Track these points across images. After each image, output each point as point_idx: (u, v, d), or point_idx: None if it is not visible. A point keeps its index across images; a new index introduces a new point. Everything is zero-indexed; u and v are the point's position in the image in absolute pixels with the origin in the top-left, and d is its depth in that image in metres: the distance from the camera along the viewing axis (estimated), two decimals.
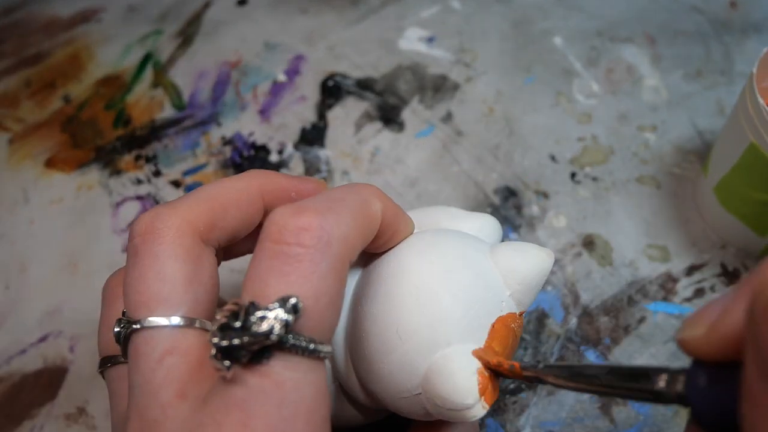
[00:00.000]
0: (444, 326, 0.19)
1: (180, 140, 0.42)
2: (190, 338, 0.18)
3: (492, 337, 0.20)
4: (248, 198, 0.21)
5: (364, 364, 0.20)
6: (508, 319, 0.21)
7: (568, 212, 0.36)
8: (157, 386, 0.17)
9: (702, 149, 0.38)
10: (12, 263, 0.37)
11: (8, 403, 0.32)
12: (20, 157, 0.42)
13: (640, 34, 0.44)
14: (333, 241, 0.17)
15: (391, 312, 0.19)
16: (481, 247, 0.22)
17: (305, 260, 0.17)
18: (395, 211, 0.21)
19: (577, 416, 0.30)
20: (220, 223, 0.20)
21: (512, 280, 0.21)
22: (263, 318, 0.16)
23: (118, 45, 0.48)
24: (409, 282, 0.20)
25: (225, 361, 0.16)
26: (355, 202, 0.19)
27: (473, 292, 0.20)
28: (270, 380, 0.16)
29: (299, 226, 0.17)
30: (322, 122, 0.42)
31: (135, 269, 0.18)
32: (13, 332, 0.35)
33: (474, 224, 0.24)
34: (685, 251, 0.34)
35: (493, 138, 0.40)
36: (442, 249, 0.21)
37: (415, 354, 0.19)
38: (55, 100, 0.45)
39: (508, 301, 0.21)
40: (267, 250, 0.17)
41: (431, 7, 0.47)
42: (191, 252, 0.19)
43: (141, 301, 0.18)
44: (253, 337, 0.16)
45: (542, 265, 0.21)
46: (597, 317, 0.33)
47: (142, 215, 0.19)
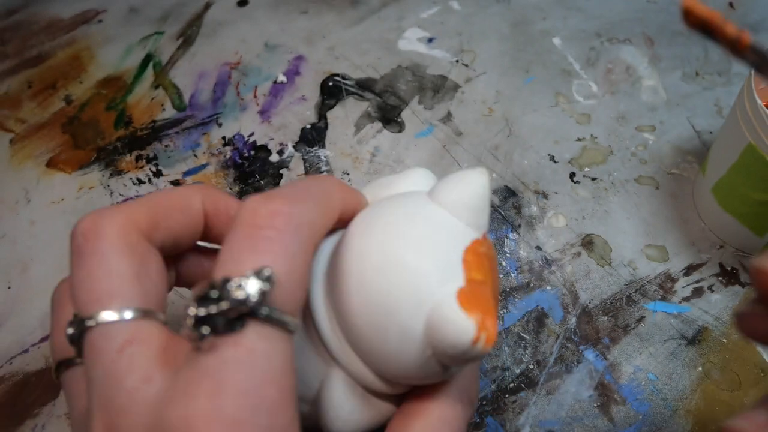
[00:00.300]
0: (421, 283, 0.19)
1: (180, 141, 0.42)
2: (148, 327, 0.18)
3: (469, 269, 0.20)
4: (191, 205, 0.21)
5: (371, 354, 0.21)
6: (475, 246, 0.21)
7: (567, 212, 0.36)
8: (121, 375, 0.17)
9: (700, 149, 0.39)
10: (13, 263, 0.37)
11: (10, 403, 0.32)
12: (22, 157, 0.43)
13: (638, 35, 0.44)
14: (302, 226, 0.18)
15: (368, 297, 0.20)
16: (419, 197, 0.22)
17: (277, 241, 0.18)
18: (353, 194, 0.23)
19: (576, 415, 0.30)
20: (163, 224, 0.20)
21: (460, 211, 0.21)
22: (240, 286, 0.16)
23: (118, 46, 0.48)
24: (370, 261, 0.20)
25: (202, 329, 0.16)
26: (319, 191, 0.21)
27: (431, 239, 0.20)
28: (243, 348, 0.16)
29: (272, 210, 0.18)
30: (322, 122, 0.42)
31: (81, 269, 0.18)
32: (15, 332, 0.35)
33: (407, 182, 0.24)
34: (684, 251, 0.35)
35: (493, 138, 0.40)
36: (384, 218, 0.21)
37: (408, 321, 0.19)
38: (56, 100, 0.45)
39: (466, 230, 0.21)
40: (241, 232, 0.18)
41: (431, 8, 0.48)
42: (136, 249, 0.19)
43: (92, 299, 0.18)
44: (232, 303, 0.16)
45: (478, 183, 0.21)
46: (596, 317, 0.33)
47: (83, 217, 0.19)
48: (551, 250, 0.35)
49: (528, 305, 0.33)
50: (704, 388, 0.30)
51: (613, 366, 0.31)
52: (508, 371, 0.31)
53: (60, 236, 0.38)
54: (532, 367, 0.31)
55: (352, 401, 0.22)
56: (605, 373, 0.31)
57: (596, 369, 0.31)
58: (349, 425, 0.22)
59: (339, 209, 0.21)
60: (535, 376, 0.31)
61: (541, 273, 0.34)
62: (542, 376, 0.31)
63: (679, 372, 0.31)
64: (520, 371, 0.31)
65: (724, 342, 0.32)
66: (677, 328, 0.32)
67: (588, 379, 0.31)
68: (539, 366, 0.31)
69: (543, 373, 0.31)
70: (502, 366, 0.32)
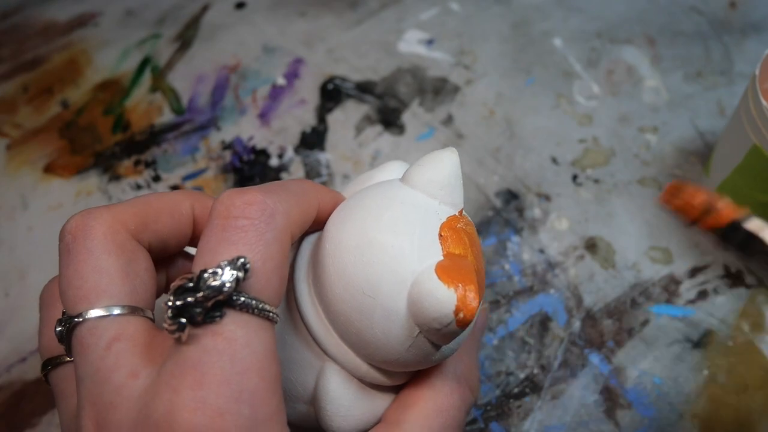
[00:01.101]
0: (400, 262, 0.19)
1: (179, 145, 0.42)
2: (135, 324, 0.18)
3: (446, 245, 0.20)
4: (180, 209, 0.21)
5: (362, 343, 0.21)
6: (451, 221, 0.21)
7: (570, 215, 0.36)
8: (108, 371, 0.17)
9: (703, 150, 0.38)
10: (11, 270, 0.37)
11: (9, 412, 0.32)
12: (19, 163, 0.42)
13: (639, 35, 0.44)
14: (276, 214, 0.19)
15: (350, 282, 0.20)
16: (392, 183, 0.22)
17: (251, 230, 0.18)
18: (330, 193, 0.23)
19: (581, 420, 0.30)
20: (151, 226, 0.20)
21: (434, 189, 0.21)
22: (215, 273, 0.17)
23: (115, 49, 0.47)
24: (348, 246, 0.20)
25: (180, 319, 0.16)
26: (295, 186, 0.21)
27: (407, 219, 0.20)
28: (222, 338, 0.17)
29: (245, 201, 0.18)
30: (322, 126, 0.42)
31: (69, 267, 0.18)
32: (13, 340, 0.34)
33: (383, 174, 0.24)
34: (688, 253, 0.34)
35: (494, 140, 0.40)
36: (359, 205, 0.21)
37: (391, 301, 0.19)
38: (53, 105, 0.45)
39: (441, 207, 0.21)
40: (215, 225, 0.18)
41: (430, 9, 0.47)
42: (124, 247, 0.19)
43: (80, 296, 0.18)
44: (207, 291, 0.16)
45: (448, 163, 0.22)
46: (600, 320, 0.33)
47: (72, 216, 0.19)
48: (554, 253, 0.35)
49: (532, 309, 0.33)
50: (710, 392, 0.30)
51: (618, 370, 0.31)
52: (512, 376, 0.31)
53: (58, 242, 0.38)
54: (536, 371, 0.31)
55: (350, 395, 0.22)
56: (610, 377, 0.31)
57: (601, 373, 0.31)
58: (350, 421, 0.22)
59: (315, 205, 0.22)
60: (540, 380, 0.31)
61: (545, 276, 0.34)
62: (547, 381, 0.31)
63: (684, 375, 0.31)
64: (525, 376, 0.31)
65: (730, 345, 0.31)
66: (682, 331, 0.32)
67: (593, 384, 0.31)
68: (544, 370, 0.31)
69: (548, 377, 0.31)
70: (506, 371, 0.31)
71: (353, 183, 0.25)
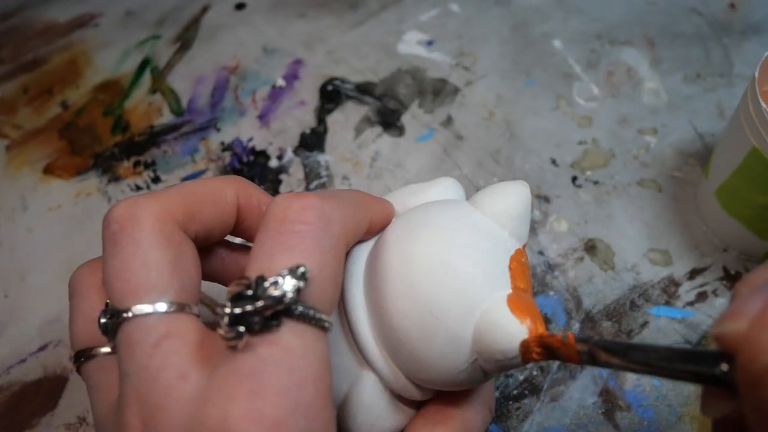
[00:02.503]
0: (471, 290, 0.19)
1: (179, 146, 0.42)
2: (185, 322, 0.18)
3: (514, 278, 0.20)
4: (225, 198, 0.21)
5: (411, 358, 0.20)
6: (518, 255, 0.21)
7: (569, 216, 0.36)
8: (156, 370, 0.17)
9: (703, 152, 0.38)
10: (11, 271, 0.37)
11: (8, 413, 0.32)
12: (18, 164, 0.42)
13: (639, 37, 0.44)
14: (333, 221, 0.18)
15: (417, 299, 0.20)
16: (461, 204, 0.22)
17: (308, 236, 0.18)
18: (382, 203, 0.23)
19: (581, 422, 0.30)
20: (197, 216, 0.20)
21: (504, 220, 0.21)
22: (276, 283, 0.16)
23: (115, 50, 0.47)
24: (419, 264, 0.20)
25: (239, 328, 0.16)
26: (349, 195, 0.21)
27: (481, 246, 0.20)
28: (279, 347, 0.16)
29: (302, 205, 0.18)
30: (322, 127, 0.42)
31: (116, 257, 0.18)
32: (12, 341, 0.34)
33: (437, 191, 0.24)
34: (687, 255, 0.34)
35: (494, 142, 0.40)
36: (431, 222, 0.21)
37: (457, 325, 0.19)
38: (53, 106, 0.45)
39: (509, 239, 0.21)
40: (272, 229, 0.18)
41: (430, 11, 0.47)
42: (172, 239, 0.19)
43: (128, 289, 0.18)
44: (267, 301, 0.16)
45: (522, 196, 0.22)
46: (600, 322, 0.33)
47: (118, 203, 0.19)
48: (554, 255, 0.35)
49: None
50: None
51: (618, 372, 0.31)
52: (511, 378, 0.31)
53: (58, 244, 0.38)
54: (535, 373, 0.31)
55: (381, 405, 0.22)
56: (609, 379, 0.31)
57: (600, 375, 0.31)
58: (375, 430, 0.22)
59: (369, 216, 0.21)
60: (539, 382, 0.31)
61: (544, 278, 0.34)
62: (546, 383, 0.31)
63: None
64: (524, 378, 0.31)
65: None
66: (681, 333, 0.32)
67: (592, 386, 0.31)
68: (543, 372, 0.31)
69: (547, 379, 0.31)
70: (505, 372, 0.31)
71: (401, 194, 0.25)
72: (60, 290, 0.36)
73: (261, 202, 0.22)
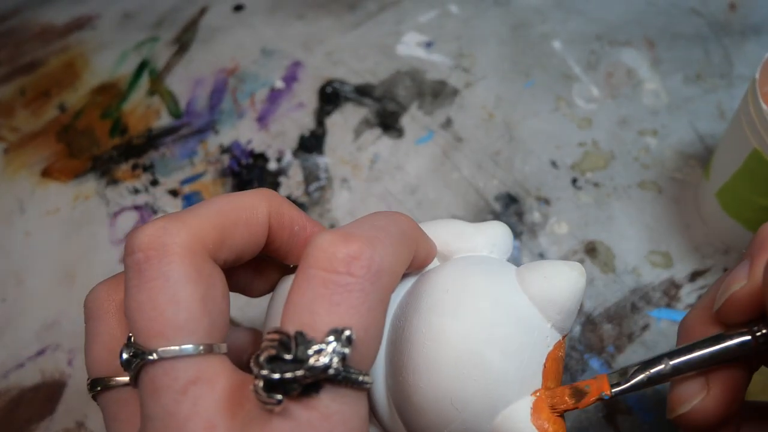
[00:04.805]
0: (499, 388, 0.18)
1: (177, 149, 0.42)
2: (214, 366, 0.17)
3: (546, 378, 0.19)
4: (257, 218, 0.19)
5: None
6: (556, 350, 0.20)
7: (569, 219, 0.36)
8: (184, 419, 0.16)
9: (703, 153, 0.38)
10: (8, 276, 0.37)
11: (6, 419, 0.32)
12: (16, 167, 0.42)
13: (639, 38, 0.44)
14: (382, 272, 0.17)
15: (440, 384, 0.18)
16: (509, 279, 0.20)
17: (356, 290, 0.16)
18: (426, 241, 0.21)
19: (581, 426, 0.30)
20: (228, 241, 0.18)
21: (552, 312, 0.20)
22: (320, 351, 0.15)
23: (113, 52, 0.47)
24: (451, 348, 0.18)
25: (276, 395, 0.15)
26: (397, 232, 0.19)
27: (519, 341, 0.19)
28: (318, 413, 0.16)
29: (350, 254, 0.16)
30: (321, 129, 0.42)
31: (142, 291, 0.17)
32: (10, 346, 0.34)
33: (486, 239, 0.22)
34: (688, 257, 0.34)
35: (494, 144, 0.40)
36: (473, 300, 0.19)
37: (475, 420, 0.18)
38: (51, 108, 0.45)
39: (552, 332, 0.20)
40: (315, 277, 0.16)
41: (429, 12, 0.47)
42: (203, 271, 0.17)
43: (155, 329, 0.16)
44: (310, 372, 0.15)
45: (577, 287, 0.20)
46: (600, 325, 0.32)
47: (144, 227, 0.17)
48: (554, 257, 0.35)
49: None
50: None
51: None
52: None
53: (56, 247, 0.38)
54: None
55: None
56: None
57: None
58: None
59: (413, 252, 0.19)
60: None
61: None
62: None
63: None
64: None
65: None
66: None
67: None
68: None
69: None
70: None
71: (443, 230, 0.23)
72: (58, 294, 0.36)
73: (293, 222, 0.20)
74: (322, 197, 0.38)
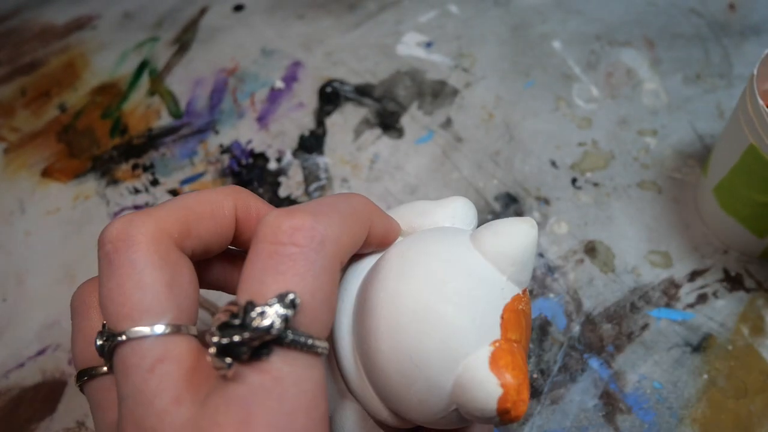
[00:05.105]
0: (456, 340, 0.19)
1: (177, 149, 0.42)
2: (180, 344, 0.18)
3: (505, 329, 0.19)
4: (223, 212, 0.20)
5: (391, 397, 0.20)
6: (514, 303, 0.20)
7: (569, 218, 0.36)
8: (151, 395, 0.17)
9: (702, 153, 0.38)
10: (9, 275, 0.37)
11: (7, 418, 0.32)
12: (16, 167, 0.42)
13: (639, 38, 0.44)
14: (326, 241, 0.18)
15: (399, 344, 0.19)
16: (462, 240, 0.21)
17: (300, 259, 0.17)
18: (383, 217, 0.22)
19: (581, 425, 0.30)
20: (194, 232, 0.19)
21: (504, 265, 0.20)
22: (263, 313, 0.16)
23: (113, 52, 0.47)
24: (406, 308, 0.19)
25: (226, 359, 0.16)
26: (346, 207, 0.20)
27: (473, 294, 0.19)
28: (270, 376, 0.16)
29: (293, 226, 0.17)
30: (321, 129, 0.42)
31: (111, 279, 0.18)
32: (11, 346, 0.34)
33: (446, 212, 0.23)
34: (687, 257, 0.34)
35: (493, 144, 0.40)
36: (423, 262, 0.20)
37: (437, 376, 0.19)
38: (51, 108, 0.45)
39: (508, 285, 0.20)
40: (262, 251, 0.17)
41: (429, 12, 0.47)
42: (168, 258, 0.18)
43: (123, 312, 0.17)
44: (254, 333, 0.16)
45: (528, 239, 0.20)
46: (600, 324, 0.32)
47: (112, 222, 0.18)
48: (554, 257, 0.35)
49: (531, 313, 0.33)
50: (710, 396, 0.30)
51: (618, 374, 0.31)
52: None
53: (56, 247, 0.38)
54: (536, 376, 0.31)
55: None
56: (610, 381, 0.31)
57: (601, 378, 0.31)
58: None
59: (366, 228, 0.20)
60: (540, 385, 0.31)
61: (544, 281, 0.34)
62: (546, 386, 0.31)
63: (684, 380, 0.31)
64: None
65: (730, 349, 0.31)
66: (682, 335, 0.32)
67: (593, 388, 0.31)
68: (543, 375, 0.31)
69: (547, 382, 0.31)
70: None
71: (408, 210, 0.23)
72: (58, 294, 0.36)
73: (260, 214, 0.21)
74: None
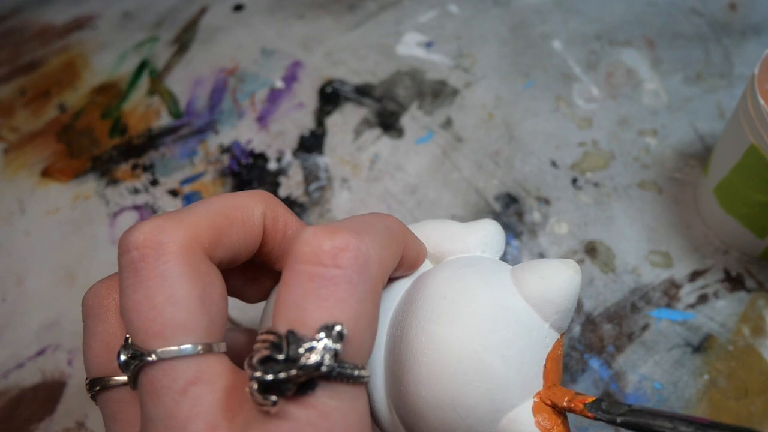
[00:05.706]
0: (501, 392, 0.18)
1: (177, 149, 0.42)
2: (213, 365, 0.17)
3: (548, 378, 0.19)
4: (252, 219, 0.19)
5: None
6: (555, 350, 0.20)
7: (569, 219, 0.36)
8: (184, 419, 0.16)
9: (703, 153, 0.38)
10: (8, 276, 0.37)
11: (6, 419, 0.32)
12: (16, 167, 0.42)
13: (639, 38, 0.44)
14: (370, 263, 0.16)
15: (442, 392, 0.18)
16: (505, 281, 0.20)
17: (342, 282, 0.16)
18: (415, 240, 0.21)
19: (581, 426, 0.30)
20: (224, 240, 0.18)
21: (549, 312, 0.19)
22: (311, 349, 0.15)
23: (113, 52, 0.47)
24: (451, 356, 0.18)
25: (271, 396, 0.15)
26: (383, 227, 0.19)
27: (519, 344, 0.19)
28: (316, 411, 0.15)
29: (336, 246, 0.16)
30: (321, 129, 0.42)
31: (138, 290, 0.16)
32: (10, 346, 0.34)
33: (477, 238, 0.22)
34: (688, 257, 0.34)
35: (493, 144, 0.40)
36: (470, 304, 0.19)
37: (479, 426, 0.18)
38: (51, 108, 0.45)
39: (550, 332, 0.20)
40: (301, 272, 0.16)
41: (429, 12, 0.47)
42: (199, 269, 0.17)
43: (154, 329, 0.16)
44: (303, 371, 0.15)
45: (573, 285, 0.20)
46: (600, 325, 0.32)
47: (139, 226, 0.17)
48: (554, 257, 0.35)
49: None
50: (711, 396, 0.30)
51: (619, 375, 0.31)
52: None
53: (56, 247, 0.38)
54: None
55: None
56: (610, 381, 0.31)
57: (601, 378, 0.31)
58: None
59: (402, 250, 0.19)
60: None
61: None
62: None
63: (684, 380, 0.31)
64: None
65: (730, 349, 0.31)
66: (682, 336, 0.32)
67: (593, 388, 0.30)
68: None
69: None
70: None
71: (433, 232, 0.22)
72: (58, 294, 0.36)
73: (287, 225, 0.20)
74: (322, 197, 0.38)
